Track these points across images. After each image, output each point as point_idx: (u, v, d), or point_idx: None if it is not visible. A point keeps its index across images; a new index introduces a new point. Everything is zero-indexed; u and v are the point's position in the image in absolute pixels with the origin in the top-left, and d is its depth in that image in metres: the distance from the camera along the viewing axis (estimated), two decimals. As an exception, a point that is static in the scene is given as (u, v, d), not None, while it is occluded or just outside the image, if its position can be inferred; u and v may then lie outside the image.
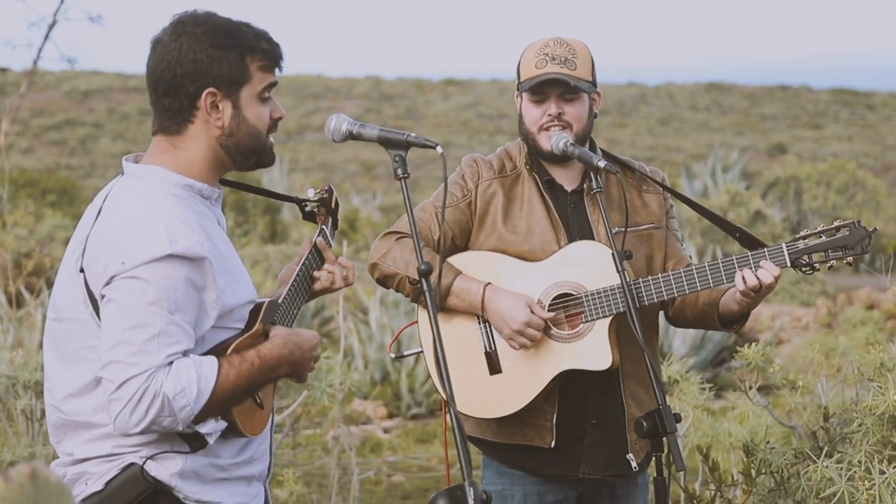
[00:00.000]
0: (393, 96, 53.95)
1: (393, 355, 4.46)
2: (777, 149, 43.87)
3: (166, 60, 3.21)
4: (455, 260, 4.29)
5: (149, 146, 3.35)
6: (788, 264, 4.15)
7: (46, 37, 15.35)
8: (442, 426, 9.60)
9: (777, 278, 4.13)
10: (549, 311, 4.22)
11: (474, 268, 4.27)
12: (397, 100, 53.32)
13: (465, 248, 4.36)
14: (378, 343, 11.19)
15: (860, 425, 4.53)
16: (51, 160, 41.90)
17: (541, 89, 4.24)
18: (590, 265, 4.22)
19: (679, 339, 11.23)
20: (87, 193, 27.51)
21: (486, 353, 4.27)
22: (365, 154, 42.62)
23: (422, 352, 4.39)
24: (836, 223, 4.16)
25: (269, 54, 3.28)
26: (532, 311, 4.17)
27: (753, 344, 5.10)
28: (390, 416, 10.89)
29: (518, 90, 4.36)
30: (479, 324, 4.27)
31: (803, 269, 4.17)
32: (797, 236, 4.17)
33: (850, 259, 4.16)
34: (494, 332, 4.26)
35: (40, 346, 8.90)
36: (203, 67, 3.19)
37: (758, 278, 4.10)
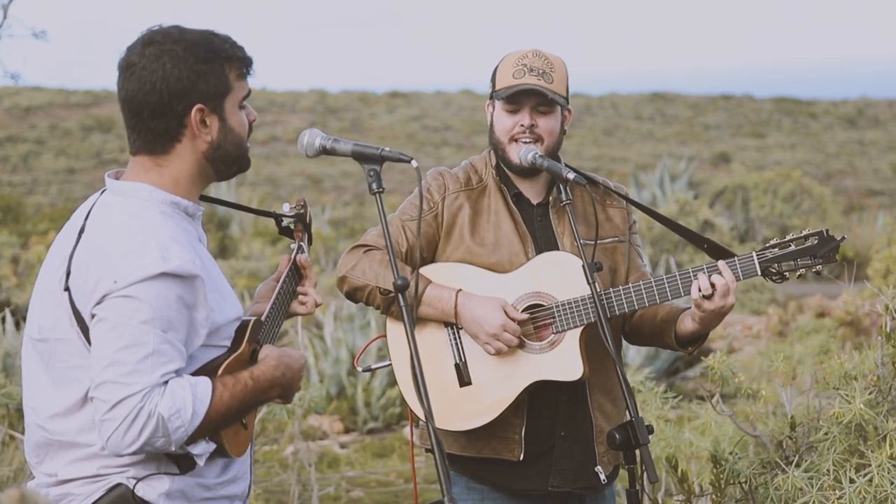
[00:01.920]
0: (338, 109, 53.84)
1: (360, 368, 4.44)
2: (721, 158, 44.18)
3: (150, 82, 3.15)
4: (424, 271, 4.28)
5: (94, 162, 3.31)
6: (759, 273, 4.17)
7: (-10, 53, 15.22)
8: (403, 441, 9.55)
9: (733, 288, 4.12)
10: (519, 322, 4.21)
11: (443, 279, 4.26)
12: (342, 113, 53.22)
13: (431, 260, 4.34)
14: (333, 358, 11.14)
15: (826, 434, 4.56)
16: (-8, 177, 41.49)
17: (517, 99, 4.24)
18: (559, 276, 4.22)
19: (634, 350, 11.25)
20: (30, 210, 27.26)
21: (456, 365, 4.25)
22: (311, 168, 42.51)
23: (389, 365, 4.36)
24: (804, 232, 4.19)
25: (244, 61, 3.27)
26: (507, 314, 4.16)
27: (713, 354, 5.11)
28: (347, 430, 10.85)
29: (491, 98, 4.35)
30: (449, 335, 4.25)
31: (773, 277, 4.20)
32: (767, 245, 4.19)
33: (818, 267, 4.18)
34: (464, 342, 4.24)
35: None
36: (190, 85, 3.16)
37: (712, 284, 4.09)
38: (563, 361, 4.20)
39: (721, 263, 4.14)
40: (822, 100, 59.21)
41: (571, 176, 4.16)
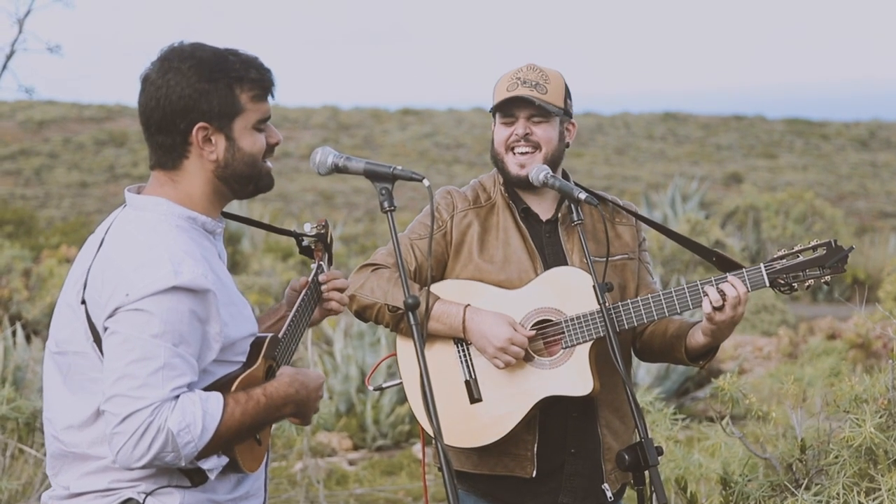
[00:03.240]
0: (350, 126, 53.90)
1: (371, 387, 4.45)
2: (733, 178, 44.11)
3: (155, 98, 3.18)
4: (433, 289, 4.29)
5: (107, 176, 3.33)
6: (767, 284, 4.17)
7: (4, 67, 15.25)
8: (412, 458, 9.54)
9: (744, 299, 4.12)
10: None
11: (452, 296, 4.27)
12: (355, 129, 53.27)
13: (441, 279, 4.35)
14: (343, 374, 11.13)
15: (837, 457, 4.54)
16: (5, 190, 41.55)
17: (509, 110, 4.28)
18: (568, 291, 4.23)
19: (644, 369, 11.23)
20: (42, 224, 27.30)
21: (466, 382, 4.25)
22: (323, 184, 42.54)
23: (401, 383, 4.36)
24: (812, 243, 4.19)
25: (259, 83, 3.26)
26: (514, 329, 4.16)
27: (723, 375, 5.10)
28: (356, 447, 10.83)
29: (492, 114, 4.40)
30: (459, 351, 4.26)
31: (782, 288, 4.19)
32: (775, 256, 4.19)
33: (827, 278, 4.17)
34: (473, 359, 4.25)
35: (3, 379, 8.79)
36: (191, 103, 3.17)
37: (722, 294, 4.08)
38: (573, 377, 4.20)
39: (730, 275, 4.14)
40: (835, 121, 59.15)
41: (583, 196, 4.17)
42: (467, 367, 4.26)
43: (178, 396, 3.04)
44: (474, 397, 4.25)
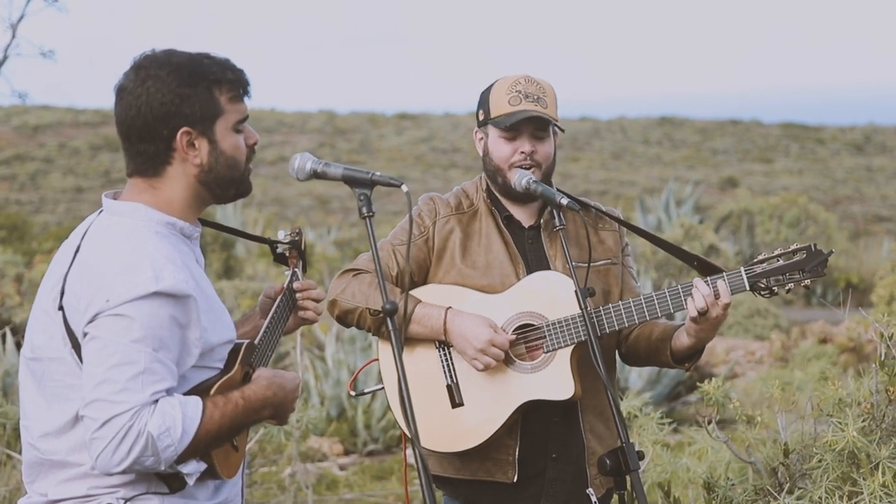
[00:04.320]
0: (347, 130, 53.93)
1: (353, 393, 4.46)
2: (728, 182, 44.17)
3: (135, 107, 3.18)
4: (415, 293, 4.30)
5: (102, 181, 3.34)
6: (747, 288, 4.18)
7: (-2, 72, 15.28)
8: (402, 463, 9.56)
9: (726, 303, 4.13)
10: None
11: (434, 300, 4.28)
12: (351, 134, 53.31)
13: (423, 284, 4.36)
14: (334, 379, 11.14)
15: (820, 461, 4.55)
16: (0, 196, 41.56)
17: (517, 126, 4.26)
18: (550, 295, 4.23)
19: (636, 374, 11.24)
20: (36, 229, 27.30)
21: (448, 386, 4.26)
22: (319, 189, 42.55)
23: (382, 388, 4.37)
24: (792, 246, 4.20)
25: (236, 83, 3.27)
26: (495, 331, 4.17)
27: (711, 379, 5.11)
28: (346, 452, 10.83)
29: (485, 125, 4.37)
30: (441, 355, 4.27)
31: (762, 292, 4.20)
32: (755, 260, 4.21)
33: (807, 282, 4.18)
34: (455, 363, 4.25)
35: (-7, 383, 8.80)
36: (174, 109, 3.17)
37: (705, 296, 4.10)
38: (554, 381, 4.21)
39: (711, 279, 4.16)
40: (830, 126, 59.24)
41: (565, 202, 4.17)
42: (449, 371, 4.27)
43: (157, 401, 3.04)
44: (456, 402, 4.25)
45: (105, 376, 3.02)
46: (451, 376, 4.26)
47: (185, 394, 3.14)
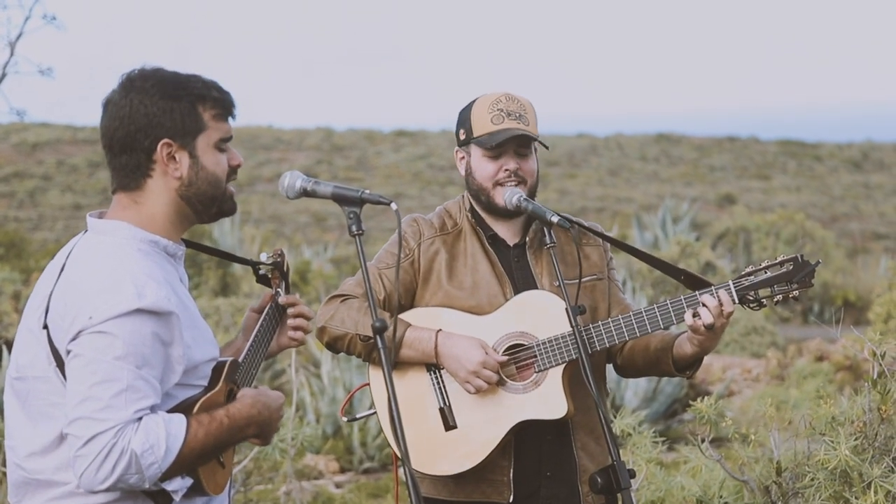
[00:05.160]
0: (344, 147, 53.95)
1: (346, 419, 4.45)
2: (726, 199, 44.17)
3: (118, 118, 3.21)
4: (404, 316, 4.30)
5: (101, 198, 3.35)
6: (736, 301, 4.19)
7: (-5, 90, 15.27)
8: (405, 483, 9.56)
9: (730, 312, 4.16)
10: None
11: (424, 323, 4.27)
12: (348, 151, 53.32)
13: (410, 307, 4.35)
14: (330, 397, 11.13)
15: (812, 480, 4.55)
16: (-1, 213, 41.56)
17: (501, 144, 4.26)
18: (539, 314, 4.24)
19: (631, 392, 11.24)
20: (35, 246, 27.30)
21: (440, 409, 4.25)
22: (316, 206, 42.55)
23: (375, 413, 4.34)
24: (780, 258, 4.21)
25: (221, 102, 3.29)
26: (486, 353, 4.17)
27: (706, 397, 5.11)
28: (342, 470, 10.82)
29: (467, 144, 4.38)
30: (432, 378, 4.26)
31: (751, 305, 4.22)
32: (743, 273, 4.22)
33: (795, 293, 4.20)
34: (447, 386, 4.25)
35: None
36: (156, 120, 3.20)
37: (709, 309, 4.12)
38: (546, 400, 4.21)
39: (700, 294, 4.17)
40: (828, 142, 59.28)
41: (556, 219, 4.18)
42: (441, 394, 4.26)
43: (141, 418, 3.05)
44: (449, 424, 4.25)
45: (88, 394, 3.02)
46: (443, 399, 4.26)
47: (169, 411, 3.14)
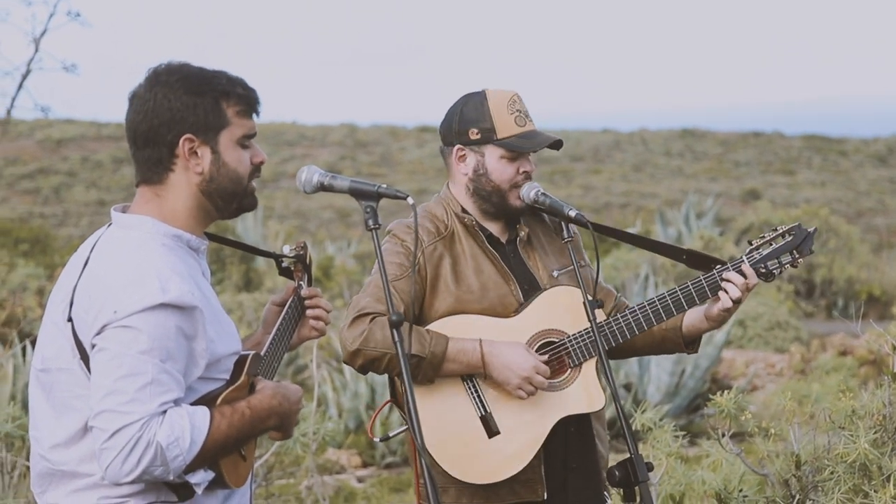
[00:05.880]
0: (368, 143, 54.03)
1: (377, 439, 4.39)
2: (750, 195, 44.05)
3: (143, 112, 3.24)
4: (435, 327, 4.20)
5: (125, 194, 3.37)
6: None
7: (20, 86, 15.35)
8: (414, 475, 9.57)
9: (754, 284, 4.25)
10: None
11: (457, 333, 4.19)
12: (372, 147, 53.40)
13: (419, 315, 4.26)
14: (352, 392, 11.15)
15: (832, 473, 4.55)
16: (24, 209, 41.77)
17: (534, 148, 4.25)
18: (564, 310, 4.25)
19: (653, 386, 11.23)
20: (60, 242, 27.41)
21: (482, 417, 4.21)
22: (340, 202, 42.62)
23: (407, 429, 4.21)
24: (780, 229, 4.34)
25: (245, 98, 3.30)
26: (534, 357, 4.17)
27: (726, 391, 5.11)
28: (365, 465, 10.84)
29: (481, 144, 4.28)
30: (468, 389, 4.22)
31: (766, 278, 4.32)
32: (751, 247, 4.32)
33: (799, 261, 4.33)
34: (484, 393, 4.21)
35: (12, 397, 8.84)
36: (179, 114, 3.22)
37: (735, 284, 4.20)
38: (585, 393, 4.25)
39: (720, 271, 4.25)
40: (853, 137, 59.06)
41: (573, 213, 4.19)
42: (480, 402, 4.22)
43: (165, 411, 3.07)
44: (493, 431, 4.20)
45: (113, 387, 3.04)
46: (481, 407, 4.22)
47: (192, 404, 3.17)
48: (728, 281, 4.21)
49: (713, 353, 11.49)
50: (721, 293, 4.21)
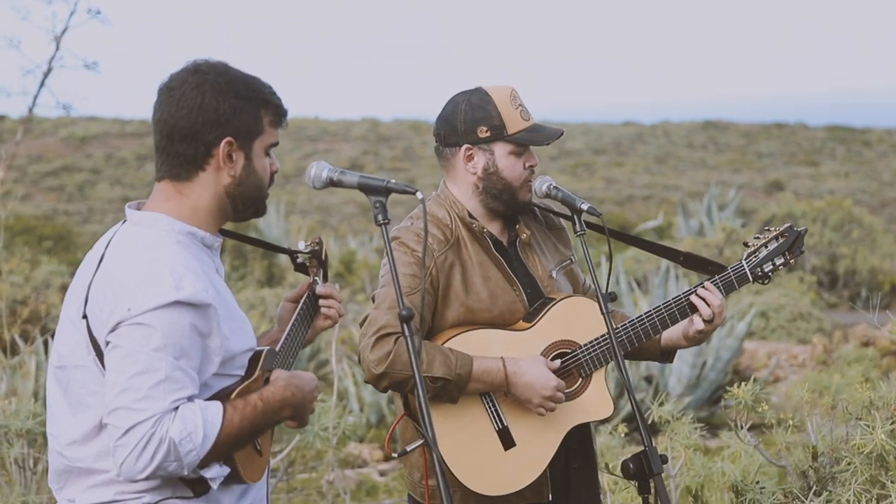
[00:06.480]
0: (390, 138, 54.05)
1: (395, 454, 4.32)
2: (774, 186, 43.91)
3: (187, 107, 3.23)
4: (454, 345, 4.17)
5: (149, 191, 3.38)
6: (751, 280, 4.39)
7: (42, 84, 15.39)
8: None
9: (723, 308, 4.31)
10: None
11: (474, 351, 4.17)
12: (394, 141, 53.42)
13: (430, 323, 4.23)
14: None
15: (849, 464, 4.54)
16: (48, 206, 41.94)
17: (545, 141, 4.23)
18: (576, 320, 4.27)
19: (675, 378, 11.21)
20: (84, 239, 27.52)
21: (499, 431, 4.22)
22: (362, 196, 42.57)
23: (424, 442, 4.21)
24: (775, 231, 4.42)
25: (279, 109, 3.35)
26: (553, 373, 4.19)
27: (744, 383, 5.11)
28: (386, 458, 10.86)
29: (491, 142, 4.22)
30: (486, 404, 4.22)
31: (763, 281, 4.41)
32: (749, 250, 4.41)
33: (792, 262, 4.42)
34: (501, 407, 4.22)
35: (34, 394, 8.90)
36: (225, 117, 3.24)
37: (710, 306, 4.27)
38: (595, 401, 4.31)
39: (708, 284, 4.33)
40: (877, 128, 58.79)
41: (585, 206, 4.19)
42: (497, 416, 4.23)
43: (178, 407, 3.09)
44: (510, 443, 4.22)
45: (127, 384, 3.06)
46: (498, 421, 4.23)
47: (207, 400, 3.18)
48: (702, 299, 4.28)
49: (734, 344, 11.47)
50: (695, 316, 4.29)
